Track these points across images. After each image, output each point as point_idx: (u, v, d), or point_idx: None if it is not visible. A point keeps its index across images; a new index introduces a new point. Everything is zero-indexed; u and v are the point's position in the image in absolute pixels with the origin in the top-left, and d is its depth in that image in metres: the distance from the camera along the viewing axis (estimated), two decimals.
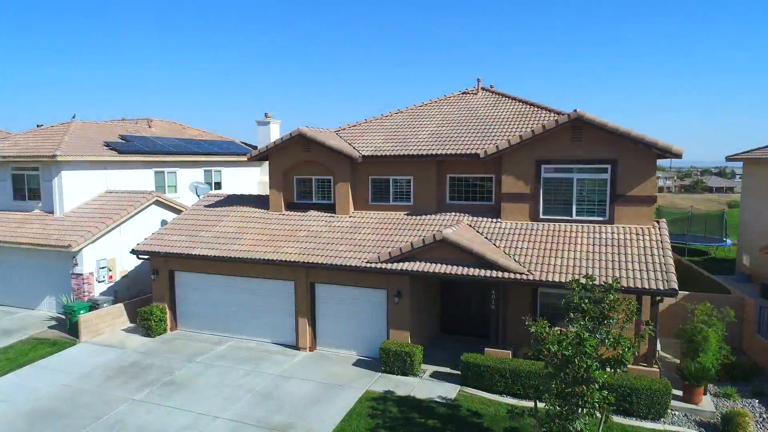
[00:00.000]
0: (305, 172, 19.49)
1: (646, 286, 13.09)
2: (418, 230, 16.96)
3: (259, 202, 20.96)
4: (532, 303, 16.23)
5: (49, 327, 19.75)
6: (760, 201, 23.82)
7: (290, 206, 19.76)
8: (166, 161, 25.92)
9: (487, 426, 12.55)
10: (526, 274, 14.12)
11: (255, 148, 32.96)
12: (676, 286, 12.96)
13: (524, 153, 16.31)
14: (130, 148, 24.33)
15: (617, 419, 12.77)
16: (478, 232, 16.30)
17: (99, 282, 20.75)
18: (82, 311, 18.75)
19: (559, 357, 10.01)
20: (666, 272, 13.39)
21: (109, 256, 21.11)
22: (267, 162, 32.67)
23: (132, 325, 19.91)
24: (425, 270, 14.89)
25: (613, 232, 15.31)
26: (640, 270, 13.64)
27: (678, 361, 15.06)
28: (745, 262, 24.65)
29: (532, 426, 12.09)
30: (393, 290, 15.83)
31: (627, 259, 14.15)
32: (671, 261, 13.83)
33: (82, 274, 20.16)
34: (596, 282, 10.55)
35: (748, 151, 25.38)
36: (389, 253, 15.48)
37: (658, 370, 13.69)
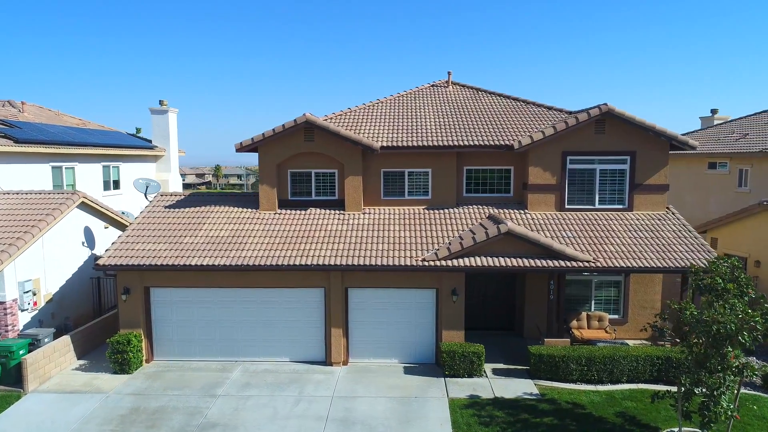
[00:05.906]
0: (303, 165, 17.20)
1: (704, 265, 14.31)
2: (450, 224, 16.20)
3: (236, 199, 17.96)
4: (558, 291, 16.66)
5: None
6: None
7: (284, 204, 17.27)
8: (65, 154, 20.79)
9: (599, 415, 12.51)
10: (593, 262, 14.41)
11: (150, 141, 28.32)
12: None
13: (552, 145, 16.62)
14: (27, 137, 18.92)
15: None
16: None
17: (22, 311, 15.69)
18: (22, 351, 14.01)
19: (713, 335, 10.47)
20: (709, 252, 14.81)
21: (33, 277, 16.11)
22: (163, 157, 28.56)
23: (83, 362, 15.51)
24: (493, 265, 14.24)
25: (637, 219, 16.45)
26: (686, 251, 14.85)
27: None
28: None
29: (663, 406, 12.46)
30: (446, 289, 14.84)
31: (668, 242, 15.28)
32: (704, 241, 15.35)
33: (4, 302, 15.03)
34: (726, 263, 11.20)
35: None
36: (448, 248, 14.50)
37: None
